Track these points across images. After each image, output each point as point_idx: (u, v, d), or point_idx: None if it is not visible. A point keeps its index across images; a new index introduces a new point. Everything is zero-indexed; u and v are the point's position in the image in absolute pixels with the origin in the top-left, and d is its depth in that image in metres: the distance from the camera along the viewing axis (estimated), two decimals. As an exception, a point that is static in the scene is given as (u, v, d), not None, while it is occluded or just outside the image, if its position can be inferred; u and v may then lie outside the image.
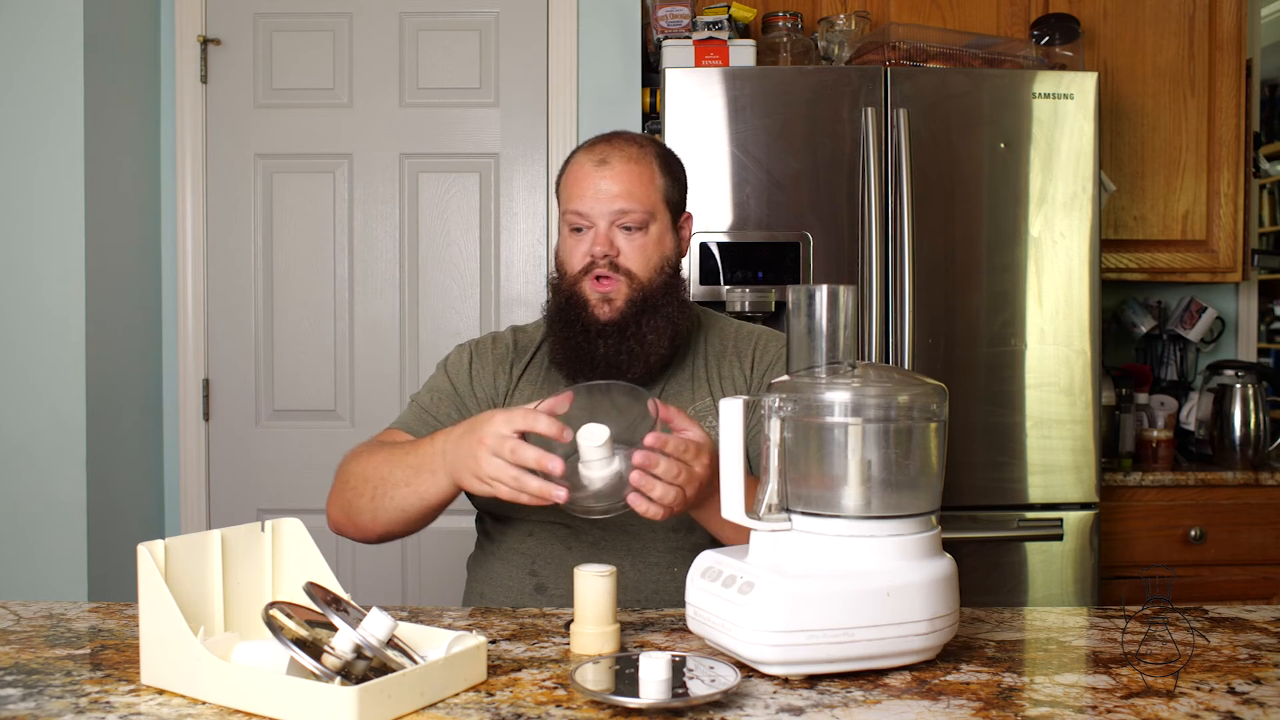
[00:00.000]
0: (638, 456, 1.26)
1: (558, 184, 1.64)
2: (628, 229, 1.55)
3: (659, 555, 1.54)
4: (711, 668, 1.06)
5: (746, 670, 1.12)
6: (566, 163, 1.62)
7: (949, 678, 1.11)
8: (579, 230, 1.57)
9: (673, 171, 1.62)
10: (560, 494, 1.25)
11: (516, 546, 1.57)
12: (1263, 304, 4.53)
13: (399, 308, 2.90)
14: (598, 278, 1.55)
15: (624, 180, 1.55)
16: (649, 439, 1.27)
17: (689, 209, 1.67)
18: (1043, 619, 1.36)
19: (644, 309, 1.55)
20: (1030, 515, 2.48)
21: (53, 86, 2.47)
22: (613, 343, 1.54)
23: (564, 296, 1.59)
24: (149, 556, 1.07)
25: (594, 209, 1.55)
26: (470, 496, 1.65)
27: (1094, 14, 2.88)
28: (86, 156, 2.49)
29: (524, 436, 1.28)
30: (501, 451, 1.27)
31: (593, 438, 1.27)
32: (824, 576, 1.10)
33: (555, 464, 1.25)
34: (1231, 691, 1.07)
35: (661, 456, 1.27)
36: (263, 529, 1.21)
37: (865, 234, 2.44)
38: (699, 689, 1.01)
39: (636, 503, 1.28)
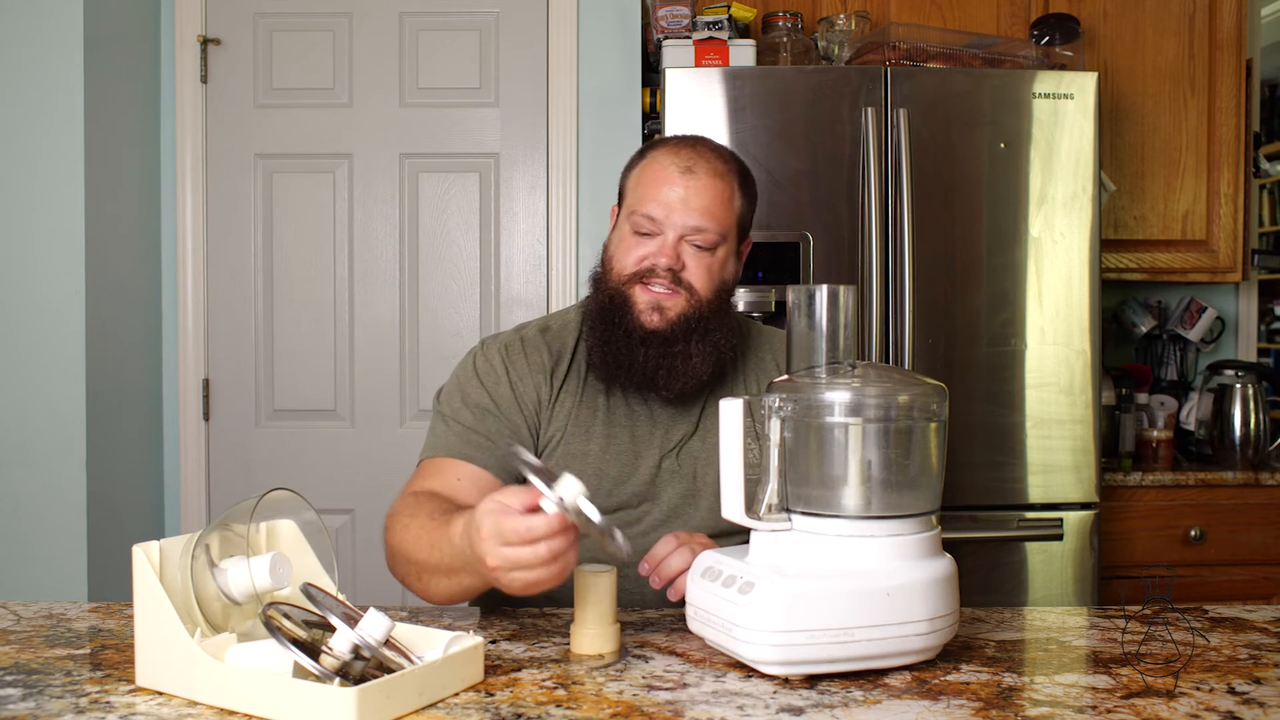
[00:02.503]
0: (644, 569, 1.33)
1: (625, 173, 1.55)
2: (698, 246, 1.47)
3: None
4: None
5: (746, 670, 1.12)
6: (641, 155, 1.54)
7: (949, 678, 1.11)
8: (644, 234, 1.48)
9: (749, 194, 1.54)
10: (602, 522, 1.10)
11: None
12: (1263, 304, 4.53)
13: (399, 308, 2.90)
14: (650, 284, 1.46)
15: (706, 196, 1.46)
16: (643, 569, 1.34)
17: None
18: (1043, 619, 1.36)
19: (696, 328, 1.47)
20: (1030, 515, 2.48)
21: (53, 86, 2.47)
22: (654, 353, 1.46)
23: (607, 295, 1.49)
24: (144, 558, 1.07)
25: (668, 218, 1.46)
26: None
27: (1094, 14, 2.88)
28: (86, 156, 2.49)
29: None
30: (524, 562, 1.10)
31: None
32: (824, 576, 1.10)
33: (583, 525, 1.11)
34: (1231, 691, 1.07)
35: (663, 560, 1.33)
36: (259, 530, 1.21)
37: (865, 234, 2.44)
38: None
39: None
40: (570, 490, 1.07)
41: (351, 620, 1.03)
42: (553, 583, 1.10)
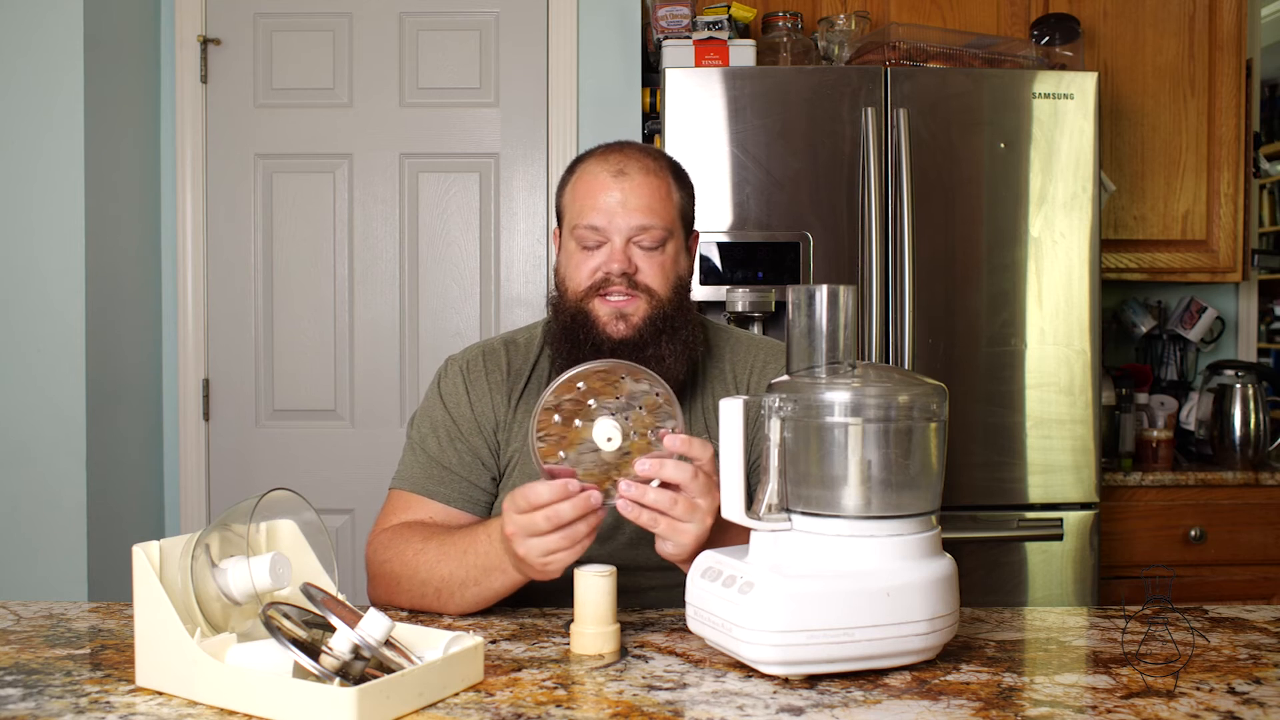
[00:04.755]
0: (623, 485, 1.21)
1: (560, 193, 1.53)
2: (646, 247, 1.44)
3: (663, 596, 1.47)
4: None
5: (746, 670, 1.12)
6: (571, 171, 1.52)
7: (949, 678, 1.11)
8: (590, 247, 1.46)
9: (685, 187, 1.52)
10: (597, 498, 1.20)
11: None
12: (1263, 304, 4.53)
13: (399, 308, 2.90)
14: (607, 295, 1.44)
15: (644, 194, 1.44)
16: (639, 466, 1.21)
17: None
18: (1043, 619, 1.36)
19: (663, 329, 1.44)
20: (1030, 515, 2.48)
21: (53, 86, 2.47)
22: None
23: (569, 315, 1.46)
24: (144, 557, 1.07)
25: (611, 224, 1.43)
26: None
27: (1094, 14, 2.88)
28: (86, 156, 2.49)
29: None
30: (536, 529, 1.20)
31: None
32: (824, 576, 1.10)
33: (594, 497, 1.19)
34: (1231, 691, 1.07)
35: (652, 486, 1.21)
36: (258, 530, 1.20)
37: (865, 234, 2.44)
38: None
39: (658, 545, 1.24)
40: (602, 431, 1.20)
41: (351, 620, 1.03)
42: (567, 549, 1.20)
